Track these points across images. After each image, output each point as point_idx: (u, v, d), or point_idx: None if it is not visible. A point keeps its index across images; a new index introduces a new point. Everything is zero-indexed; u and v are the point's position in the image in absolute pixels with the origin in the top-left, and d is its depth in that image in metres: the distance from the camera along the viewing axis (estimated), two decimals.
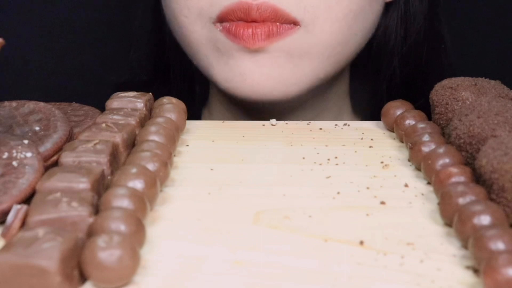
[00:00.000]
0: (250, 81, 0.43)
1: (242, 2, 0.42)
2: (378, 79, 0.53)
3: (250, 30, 0.42)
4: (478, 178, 0.29)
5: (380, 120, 0.40)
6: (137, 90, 0.39)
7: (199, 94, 0.56)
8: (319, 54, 0.44)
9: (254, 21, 0.42)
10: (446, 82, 0.37)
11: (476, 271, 0.25)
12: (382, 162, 0.34)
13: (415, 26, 0.51)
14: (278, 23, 0.42)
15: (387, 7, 0.50)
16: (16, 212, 0.27)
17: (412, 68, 0.53)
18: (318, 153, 0.36)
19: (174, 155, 0.35)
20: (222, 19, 0.43)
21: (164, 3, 0.48)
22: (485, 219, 0.26)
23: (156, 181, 0.30)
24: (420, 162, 0.33)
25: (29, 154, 0.30)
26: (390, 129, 0.39)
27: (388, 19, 0.49)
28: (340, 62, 0.46)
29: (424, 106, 0.39)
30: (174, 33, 0.48)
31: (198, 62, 0.47)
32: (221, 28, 0.43)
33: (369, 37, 0.48)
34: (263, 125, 0.40)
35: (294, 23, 0.43)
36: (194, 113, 0.55)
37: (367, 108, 0.55)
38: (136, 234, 0.26)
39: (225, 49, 0.44)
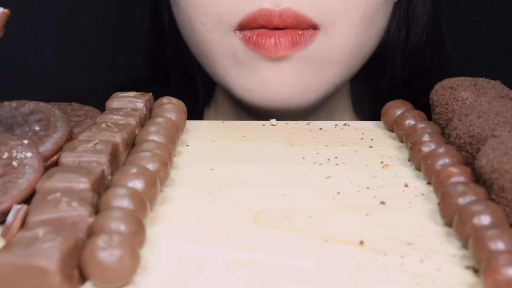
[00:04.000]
0: (271, 90, 0.43)
1: (263, 9, 0.41)
2: (379, 80, 0.53)
3: (272, 40, 0.41)
4: (478, 178, 0.29)
5: (380, 120, 0.40)
6: (137, 90, 0.39)
7: (202, 94, 0.56)
8: (337, 58, 0.44)
9: (276, 28, 0.41)
10: (446, 82, 0.37)
11: (476, 271, 0.25)
12: (382, 162, 0.34)
13: (417, 27, 0.51)
14: (300, 31, 0.41)
15: None
16: (16, 212, 0.27)
17: (413, 69, 0.53)
18: (318, 153, 0.36)
19: (174, 155, 0.35)
20: (243, 27, 0.42)
21: (177, 7, 0.47)
22: (485, 219, 0.26)
23: (156, 181, 0.30)
24: (420, 162, 0.33)
25: (29, 154, 0.30)
26: (390, 129, 0.39)
27: (391, 20, 0.49)
28: (355, 67, 0.46)
29: (424, 106, 0.39)
30: (186, 39, 0.47)
31: (212, 70, 0.46)
32: (241, 36, 0.42)
33: (380, 40, 0.48)
34: (263, 125, 0.40)
35: (314, 27, 0.42)
36: (196, 113, 0.54)
37: (369, 109, 0.55)
38: (136, 234, 0.26)
39: (245, 59, 0.43)
